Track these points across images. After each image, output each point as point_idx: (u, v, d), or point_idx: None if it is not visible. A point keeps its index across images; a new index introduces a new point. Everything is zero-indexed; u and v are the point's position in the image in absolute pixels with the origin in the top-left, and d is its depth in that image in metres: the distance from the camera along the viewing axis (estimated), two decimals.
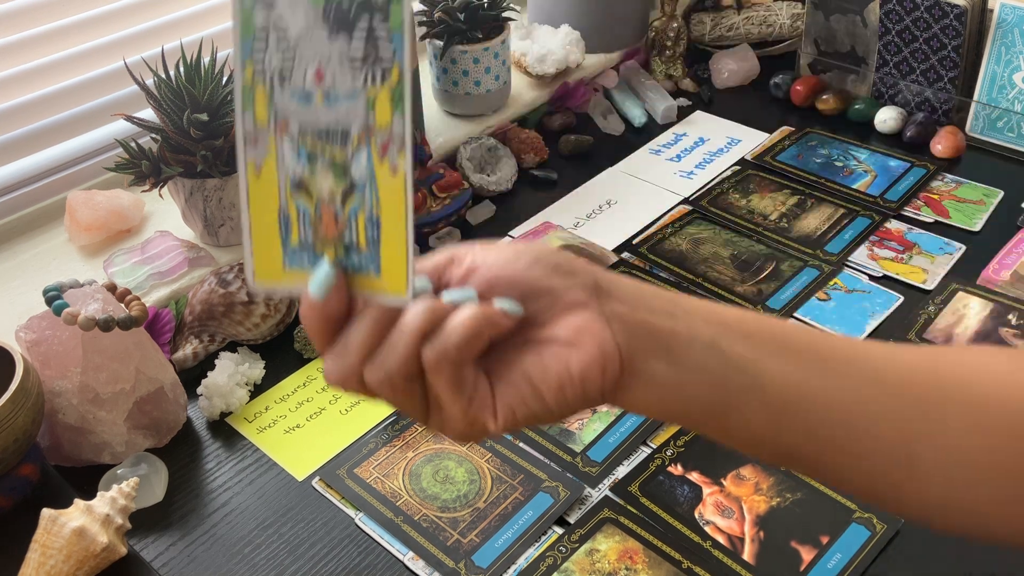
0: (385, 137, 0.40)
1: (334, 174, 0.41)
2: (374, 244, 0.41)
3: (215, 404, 0.84)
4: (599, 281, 0.43)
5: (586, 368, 0.41)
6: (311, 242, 0.42)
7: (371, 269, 0.42)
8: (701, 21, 1.37)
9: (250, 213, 0.42)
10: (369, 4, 0.40)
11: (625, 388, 0.43)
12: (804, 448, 0.44)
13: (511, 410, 0.42)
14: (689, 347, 0.43)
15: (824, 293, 0.96)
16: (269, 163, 0.42)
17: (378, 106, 0.40)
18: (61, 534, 0.67)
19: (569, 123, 1.25)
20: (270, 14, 0.41)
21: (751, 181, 1.14)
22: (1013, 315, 0.90)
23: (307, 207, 0.42)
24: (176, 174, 0.91)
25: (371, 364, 0.41)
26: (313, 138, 0.41)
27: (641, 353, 0.42)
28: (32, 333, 0.77)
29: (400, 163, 0.40)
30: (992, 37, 1.13)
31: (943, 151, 1.15)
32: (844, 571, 0.70)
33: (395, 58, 0.40)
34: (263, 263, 0.43)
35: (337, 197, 0.41)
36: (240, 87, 0.41)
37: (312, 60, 0.41)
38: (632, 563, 0.71)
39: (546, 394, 0.41)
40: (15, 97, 1.01)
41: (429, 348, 0.40)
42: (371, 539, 0.74)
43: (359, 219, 0.41)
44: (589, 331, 0.42)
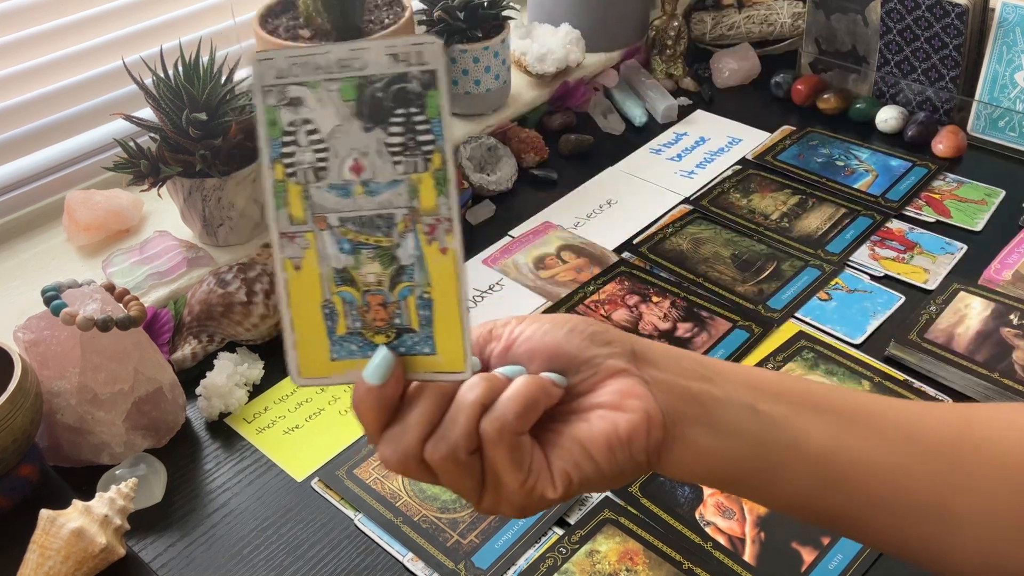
0: (432, 220, 0.41)
1: (380, 261, 0.41)
2: (427, 324, 0.42)
3: (214, 404, 0.84)
4: (636, 348, 0.45)
5: (633, 429, 0.42)
6: (359, 330, 0.42)
7: (426, 349, 0.42)
8: (702, 20, 1.37)
9: (291, 309, 0.42)
10: (405, 96, 0.40)
11: (668, 452, 0.44)
12: (844, 507, 0.45)
13: (567, 475, 0.42)
14: (727, 410, 0.44)
15: (825, 293, 0.96)
16: (309, 257, 0.42)
17: (422, 191, 0.40)
18: (60, 535, 0.67)
19: (569, 122, 1.24)
20: (298, 111, 0.40)
21: (752, 181, 1.13)
22: (1015, 315, 0.90)
23: (353, 296, 0.42)
24: (175, 174, 0.90)
25: (433, 441, 0.41)
26: (356, 228, 0.41)
27: (682, 418, 0.44)
28: (30, 333, 0.77)
29: (449, 243, 0.41)
30: (993, 36, 1.13)
31: (944, 150, 1.15)
32: (845, 572, 0.70)
33: (435, 144, 0.40)
34: (308, 357, 0.43)
35: (385, 282, 0.42)
36: (271, 186, 0.41)
37: (348, 153, 0.41)
38: (632, 564, 0.70)
39: (597, 456, 0.42)
40: (14, 96, 1.01)
41: (488, 420, 0.41)
42: (370, 540, 0.74)
43: (410, 301, 0.42)
44: (634, 394, 0.43)
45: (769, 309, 0.94)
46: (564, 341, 0.44)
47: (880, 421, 0.46)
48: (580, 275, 0.99)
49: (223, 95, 0.91)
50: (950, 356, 0.86)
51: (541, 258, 1.02)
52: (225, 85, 0.92)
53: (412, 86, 0.40)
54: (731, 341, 0.90)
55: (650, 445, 0.43)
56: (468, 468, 0.42)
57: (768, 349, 0.89)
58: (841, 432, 0.45)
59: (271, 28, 1.05)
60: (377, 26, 1.05)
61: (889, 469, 0.45)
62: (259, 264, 0.91)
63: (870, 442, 0.45)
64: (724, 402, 0.44)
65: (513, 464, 0.41)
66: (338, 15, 1.02)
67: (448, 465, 0.41)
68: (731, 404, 0.44)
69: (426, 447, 0.41)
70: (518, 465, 0.41)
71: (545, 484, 0.42)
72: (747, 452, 0.44)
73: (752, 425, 0.44)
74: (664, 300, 0.95)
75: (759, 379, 0.46)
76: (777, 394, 0.46)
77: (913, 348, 0.87)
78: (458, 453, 0.41)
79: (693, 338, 0.91)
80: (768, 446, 0.44)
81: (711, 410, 0.44)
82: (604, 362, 0.44)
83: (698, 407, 0.44)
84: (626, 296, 0.96)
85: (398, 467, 0.42)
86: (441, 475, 0.42)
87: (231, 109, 0.91)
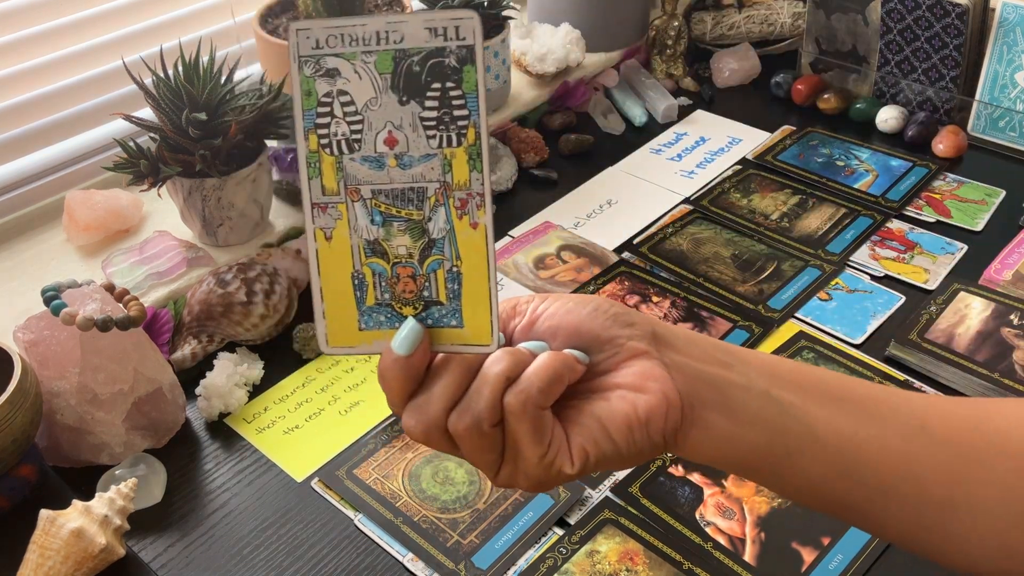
0: (464, 194, 0.41)
1: (411, 234, 0.42)
2: (455, 297, 0.42)
3: (214, 405, 0.84)
4: (657, 331, 0.45)
5: (652, 411, 0.43)
6: (388, 301, 0.43)
7: (453, 322, 0.42)
8: (702, 20, 1.37)
9: (321, 278, 0.42)
10: (441, 69, 0.40)
11: (685, 435, 0.44)
12: (855, 495, 0.46)
13: (584, 452, 0.43)
14: (745, 396, 0.45)
15: (826, 293, 0.96)
16: (340, 228, 0.42)
17: (455, 166, 0.41)
18: (59, 535, 0.67)
19: (569, 122, 1.24)
20: (334, 83, 0.41)
21: (752, 181, 1.13)
22: (1015, 315, 0.90)
23: (383, 268, 0.42)
24: (175, 174, 0.90)
25: (457, 412, 0.42)
26: (387, 201, 0.41)
27: (700, 402, 0.44)
28: (30, 333, 0.77)
29: (480, 217, 0.41)
30: (994, 36, 1.13)
31: (945, 150, 1.15)
32: (845, 572, 0.70)
33: (470, 119, 0.40)
34: (336, 327, 0.43)
35: (415, 255, 0.42)
36: (304, 156, 0.41)
37: (383, 125, 0.41)
38: (632, 564, 0.70)
39: (615, 435, 0.43)
40: (13, 96, 1.01)
41: (512, 393, 0.41)
42: (370, 540, 0.73)
43: (439, 274, 0.42)
44: (653, 376, 0.43)
45: (769, 309, 0.94)
46: (587, 320, 0.45)
47: (894, 411, 0.46)
48: (580, 275, 0.99)
49: (223, 95, 0.91)
50: (950, 356, 0.86)
51: (541, 258, 1.02)
52: (225, 85, 0.92)
53: (449, 60, 0.40)
54: (731, 341, 0.90)
55: (667, 427, 0.43)
56: (490, 440, 0.42)
57: (768, 349, 0.89)
58: (856, 421, 0.46)
59: (271, 28, 1.05)
60: None
61: (903, 458, 0.45)
62: (259, 264, 0.91)
63: (885, 431, 0.46)
64: (742, 388, 0.45)
65: (534, 437, 0.42)
66: (337, 15, 1.02)
67: (471, 436, 0.42)
68: (749, 390, 0.45)
69: (450, 418, 0.42)
70: (539, 439, 0.42)
71: (563, 459, 0.43)
72: (763, 438, 0.45)
73: (769, 412, 0.45)
74: (664, 300, 0.95)
75: (777, 366, 0.47)
76: (794, 382, 0.46)
77: (913, 348, 0.87)
78: (482, 424, 0.41)
79: None
80: (784, 433, 0.45)
81: (728, 395, 0.45)
82: (626, 343, 0.44)
83: (716, 392, 0.44)
84: (626, 296, 0.96)
85: (421, 436, 0.43)
86: (463, 446, 0.43)
87: (231, 109, 0.91)
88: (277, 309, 0.89)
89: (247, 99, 0.94)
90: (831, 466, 0.45)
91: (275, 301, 0.89)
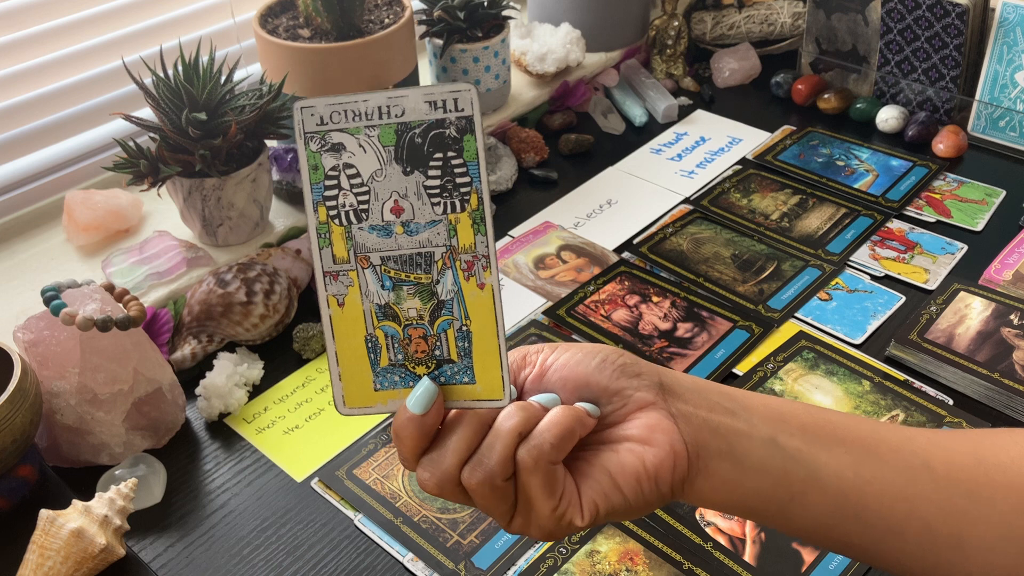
0: (470, 256, 0.43)
1: (420, 297, 0.43)
2: (466, 355, 0.44)
3: (214, 405, 0.84)
4: (663, 380, 0.46)
5: (659, 464, 0.44)
6: (402, 362, 0.44)
7: (465, 379, 0.44)
8: (702, 20, 1.37)
9: (336, 342, 0.44)
10: (443, 140, 0.42)
11: (691, 484, 0.45)
12: (861, 536, 0.47)
13: (595, 505, 0.44)
14: (749, 444, 0.46)
15: (826, 293, 0.96)
16: (352, 294, 0.44)
17: (460, 230, 0.42)
18: (59, 535, 0.67)
19: (569, 122, 1.24)
20: (340, 157, 0.42)
21: (752, 180, 1.13)
22: (1015, 315, 0.90)
23: (395, 330, 0.44)
24: (174, 173, 0.90)
25: (470, 467, 0.43)
26: (396, 266, 0.43)
27: (706, 451, 0.45)
28: (30, 333, 0.77)
29: (486, 278, 0.43)
30: (994, 36, 1.13)
31: (945, 150, 1.15)
32: (845, 573, 0.69)
33: (472, 185, 0.42)
34: (353, 388, 0.45)
35: (425, 316, 0.44)
36: (315, 227, 0.43)
37: (389, 195, 0.43)
38: (633, 564, 0.70)
39: (625, 488, 0.44)
40: (13, 96, 1.00)
41: (525, 449, 0.42)
42: (370, 540, 0.73)
43: (449, 334, 0.44)
44: (660, 429, 0.44)
45: (769, 309, 0.94)
46: (595, 371, 0.46)
47: (896, 451, 0.47)
48: (580, 275, 0.99)
49: (223, 95, 0.91)
50: (950, 356, 0.86)
51: (541, 258, 1.02)
52: (225, 85, 0.92)
53: (449, 131, 0.42)
54: (731, 341, 0.90)
55: (675, 478, 0.45)
56: (503, 493, 0.43)
57: (768, 349, 0.89)
58: (860, 463, 0.46)
59: (271, 28, 1.05)
60: (377, 26, 1.05)
61: (906, 499, 0.46)
62: (259, 264, 0.91)
63: (888, 473, 0.46)
64: (747, 436, 0.46)
65: (546, 491, 0.43)
66: (338, 15, 1.02)
67: (484, 490, 0.43)
68: (754, 438, 0.46)
69: (463, 472, 0.43)
70: (551, 492, 0.43)
71: (574, 512, 0.44)
72: (767, 484, 0.46)
73: (773, 458, 0.46)
74: (664, 300, 0.95)
75: (782, 411, 0.48)
76: (798, 425, 0.47)
77: (913, 348, 0.87)
78: (495, 479, 0.43)
79: (693, 338, 0.90)
80: (788, 478, 0.46)
81: (734, 444, 0.46)
82: (633, 394, 0.45)
83: (721, 440, 0.45)
84: (626, 296, 0.96)
85: (435, 489, 0.44)
86: (476, 499, 0.44)
87: (231, 109, 0.91)
88: (277, 309, 0.89)
89: (247, 99, 0.94)
90: (836, 508, 0.46)
91: (275, 301, 0.89)
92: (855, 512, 0.46)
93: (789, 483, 0.46)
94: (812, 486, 0.46)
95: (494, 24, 1.15)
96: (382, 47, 1.01)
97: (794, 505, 0.46)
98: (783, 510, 0.46)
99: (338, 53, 0.99)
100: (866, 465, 0.46)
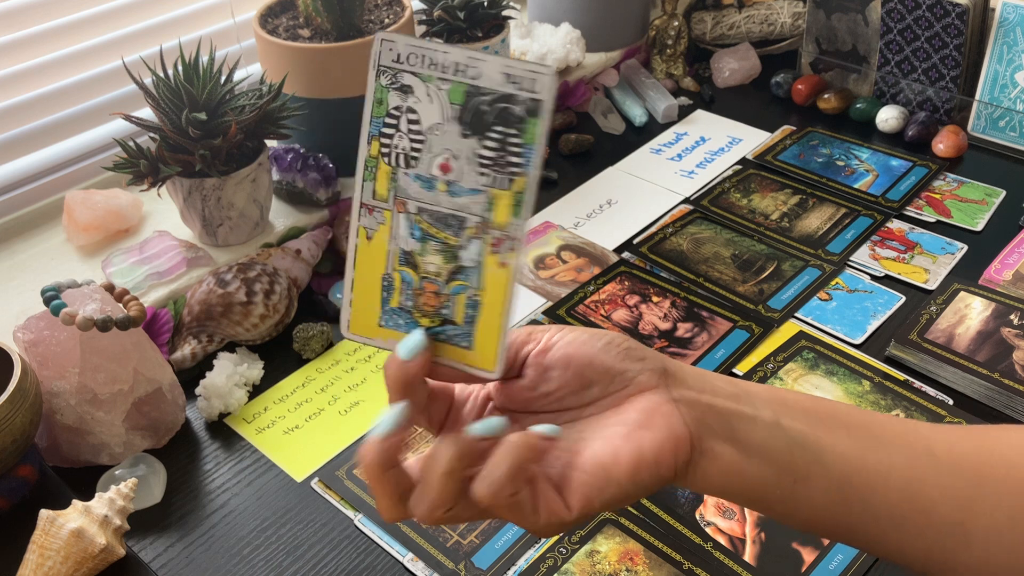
0: (500, 235, 0.43)
1: (444, 256, 0.44)
2: (470, 322, 0.44)
3: (214, 405, 0.84)
4: (667, 366, 0.46)
5: (659, 449, 0.43)
6: (409, 308, 0.45)
7: (463, 343, 0.44)
8: (702, 20, 1.37)
9: (355, 271, 0.45)
10: (508, 116, 0.42)
11: (694, 469, 0.45)
12: (863, 523, 0.46)
13: (587, 500, 0.43)
14: (753, 427, 0.45)
15: (826, 293, 0.96)
16: (382, 232, 0.44)
17: (498, 207, 0.43)
18: (59, 535, 0.67)
19: (569, 122, 1.24)
20: (406, 99, 0.43)
21: (752, 180, 1.13)
22: (1015, 315, 0.90)
23: (412, 278, 0.44)
24: (174, 173, 0.90)
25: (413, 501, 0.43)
26: (430, 220, 0.44)
27: (708, 435, 0.45)
28: (30, 333, 0.77)
29: (510, 259, 0.43)
30: (994, 36, 1.13)
31: (945, 150, 1.15)
32: (845, 573, 0.70)
33: (524, 169, 0.42)
34: (359, 317, 0.46)
35: (443, 275, 0.44)
36: (363, 159, 0.44)
37: (441, 151, 0.43)
38: (633, 564, 0.70)
39: (622, 478, 0.43)
40: (13, 96, 1.00)
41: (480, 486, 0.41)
42: (370, 540, 0.73)
43: (460, 298, 0.44)
44: (660, 413, 0.44)
45: (769, 309, 0.94)
46: (600, 352, 0.46)
47: (901, 436, 0.47)
48: (580, 275, 0.99)
49: (223, 95, 0.91)
50: (950, 356, 0.86)
51: (541, 258, 1.02)
52: (225, 85, 0.92)
53: (517, 109, 0.42)
54: (731, 341, 0.90)
55: (677, 463, 0.44)
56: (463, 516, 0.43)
57: (768, 349, 0.89)
58: (864, 448, 0.46)
59: (271, 28, 1.05)
60: (377, 26, 1.05)
61: (911, 485, 0.46)
62: (259, 264, 0.91)
63: (891, 456, 0.46)
64: (751, 419, 0.46)
65: (515, 515, 0.43)
66: (338, 15, 1.02)
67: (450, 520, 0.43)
68: (757, 421, 0.46)
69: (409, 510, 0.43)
70: (521, 517, 0.43)
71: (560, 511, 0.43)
72: (772, 469, 0.45)
73: (777, 442, 0.45)
74: (664, 300, 0.95)
75: (786, 397, 0.48)
76: (802, 410, 0.47)
77: (913, 348, 0.87)
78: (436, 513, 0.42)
79: (693, 338, 0.90)
80: (793, 461, 0.45)
81: (737, 428, 0.45)
82: (636, 377, 0.45)
83: (725, 425, 0.45)
84: (626, 296, 0.96)
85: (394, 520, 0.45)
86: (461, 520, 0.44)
87: (231, 109, 0.91)
88: (277, 309, 0.89)
89: (247, 99, 0.94)
90: (839, 492, 0.46)
91: (275, 301, 0.89)
92: (860, 496, 0.46)
93: (793, 466, 0.45)
94: (817, 470, 0.45)
95: (494, 24, 1.15)
96: None
97: (798, 490, 0.46)
98: (787, 496, 0.46)
99: (338, 53, 0.99)
100: (870, 449, 0.46)
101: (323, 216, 1.03)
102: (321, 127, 1.03)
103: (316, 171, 1.01)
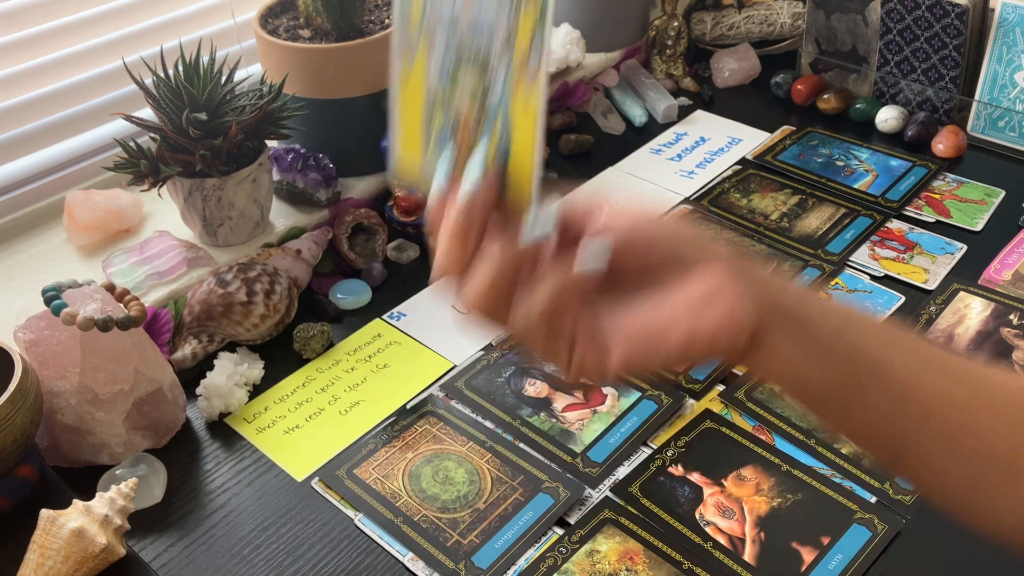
0: (523, 58, 0.43)
1: (473, 89, 0.44)
2: (504, 156, 0.45)
3: (214, 404, 0.84)
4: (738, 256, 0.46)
5: (720, 327, 0.43)
6: (449, 145, 0.46)
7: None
8: (702, 20, 1.37)
9: (400, 110, 0.47)
10: None
11: (752, 358, 0.45)
12: (914, 442, 0.46)
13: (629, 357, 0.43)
14: (819, 330, 0.45)
15: (825, 293, 0.96)
16: (417, 71, 0.45)
17: (521, 29, 0.43)
18: (60, 535, 0.67)
19: (569, 122, 1.24)
20: None
21: (752, 181, 1.13)
22: (1015, 315, 0.90)
23: (448, 114, 0.46)
24: (175, 174, 0.90)
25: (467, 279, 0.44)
26: (456, 56, 0.44)
27: (772, 328, 0.45)
28: (30, 333, 0.77)
29: (537, 82, 0.43)
30: (993, 36, 1.13)
31: (944, 150, 1.15)
32: (845, 572, 0.70)
33: None
34: (406, 160, 0.47)
35: (475, 108, 0.45)
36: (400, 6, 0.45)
37: None
38: (632, 564, 0.70)
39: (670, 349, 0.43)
40: (13, 96, 1.00)
41: (520, 307, 0.42)
42: (371, 540, 0.74)
43: (495, 126, 0.44)
44: (726, 293, 0.44)
45: None
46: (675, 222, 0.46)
47: (958, 368, 0.47)
48: None
49: (223, 95, 0.91)
50: None
51: None
52: (225, 85, 0.92)
53: None
54: None
55: (734, 348, 0.44)
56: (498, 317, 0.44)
57: None
58: (924, 369, 0.46)
59: (271, 28, 1.05)
60: (377, 26, 1.05)
61: (967, 409, 0.46)
62: (259, 264, 0.91)
63: (951, 384, 0.46)
64: (817, 322, 0.45)
65: (551, 347, 0.43)
66: (338, 15, 1.02)
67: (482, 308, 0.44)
68: (824, 326, 0.46)
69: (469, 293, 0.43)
70: (556, 348, 0.43)
71: (595, 356, 0.43)
72: (831, 373, 0.45)
73: (840, 348, 0.45)
74: None
75: (852, 312, 0.48)
76: (868, 326, 0.47)
77: None
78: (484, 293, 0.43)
79: None
80: (854, 366, 0.45)
81: (802, 327, 0.45)
82: (704, 257, 0.45)
83: (789, 322, 0.45)
84: None
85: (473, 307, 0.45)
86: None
87: (231, 109, 0.91)
88: (277, 309, 0.89)
89: (247, 99, 0.94)
90: (897, 405, 0.46)
91: (275, 301, 0.89)
92: (916, 412, 0.45)
93: (856, 373, 0.45)
94: (877, 378, 0.45)
95: None
96: (382, 47, 1.01)
97: (857, 395, 0.46)
98: (846, 398, 0.46)
99: (338, 53, 0.99)
100: (931, 370, 0.46)
101: (323, 216, 1.03)
102: (321, 127, 1.04)
103: (316, 171, 1.02)
